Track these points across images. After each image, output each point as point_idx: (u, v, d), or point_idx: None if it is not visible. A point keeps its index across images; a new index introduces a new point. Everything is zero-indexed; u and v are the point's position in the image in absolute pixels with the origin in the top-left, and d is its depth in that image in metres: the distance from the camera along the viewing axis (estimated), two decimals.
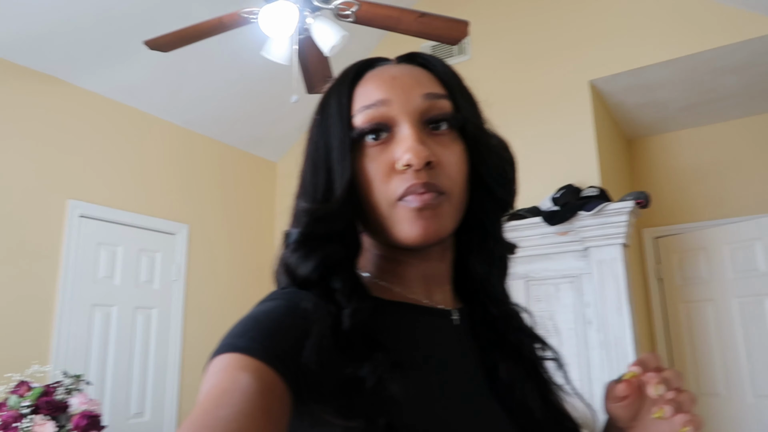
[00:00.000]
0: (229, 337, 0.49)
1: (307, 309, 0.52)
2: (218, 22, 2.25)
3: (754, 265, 3.45)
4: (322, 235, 0.57)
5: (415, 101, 0.58)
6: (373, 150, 0.57)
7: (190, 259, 3.84)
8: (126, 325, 3.40)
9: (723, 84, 3.46)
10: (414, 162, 0.54)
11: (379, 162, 0.57)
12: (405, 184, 0.55)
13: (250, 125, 4.22)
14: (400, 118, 0.57)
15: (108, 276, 3.35)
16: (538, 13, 3.62)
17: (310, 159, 0.60)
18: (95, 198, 3.34)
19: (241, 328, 0.50)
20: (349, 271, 0.57)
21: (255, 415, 0.42)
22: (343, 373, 0.49)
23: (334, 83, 0.63)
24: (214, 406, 0.42)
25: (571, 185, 3.10)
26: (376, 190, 0.57)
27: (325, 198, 0.58)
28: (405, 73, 0.60)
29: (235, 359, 0.46)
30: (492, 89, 3.62)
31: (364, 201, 0.58)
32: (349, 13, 2.25)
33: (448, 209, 0.57)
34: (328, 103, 0.61)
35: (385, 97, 0.58)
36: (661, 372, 0.56)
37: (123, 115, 3.55)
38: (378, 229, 0.59)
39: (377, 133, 0.57)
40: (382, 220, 0.57)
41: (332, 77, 2.37)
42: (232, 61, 3.62)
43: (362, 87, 0.60)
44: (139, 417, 3.39)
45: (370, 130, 0.57)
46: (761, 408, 3.31)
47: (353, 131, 0.58)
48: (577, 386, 0.68)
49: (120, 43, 3.16)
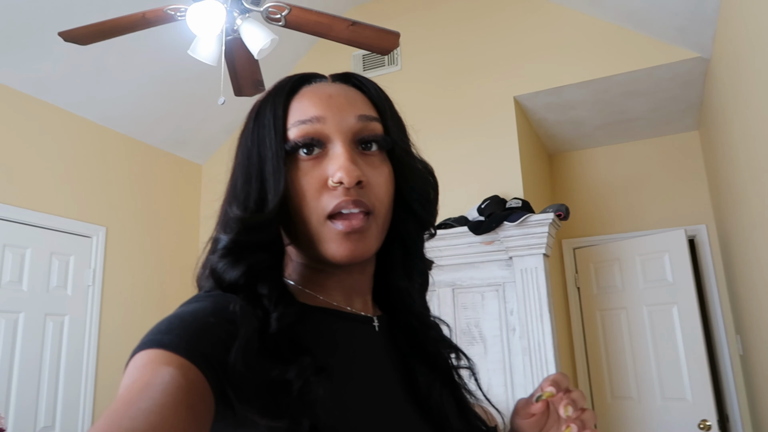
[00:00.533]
0: (152, 334, 0.49)
1: (234, 311, 0.52)
2: (141, 17, 2.17)
3: (663, 275, 3.68)
4: (251, 244, 0.57)
5: (349, 121, 0.60)
6: (305, 164, 0.59)
7: (107, 263, 3.65)
8: (35, 333, 3.19)
9: (633, 106, 3.68)
10: (346, 180, 0.56)
11: (310, 177, 0.58)
12: (335, 201, 0.57)
13: (174, 126, 4.08)
14: (333, 136, 0.59)
15: (15, 281, 3.14)
16: (468, 29, 3.72)
17: (242, 167, 0.61)
18: (1, 196, 3.12)
19: (165, 326, 0.49)
20: (275, 278, 0.58)
21: (177, 409, 0.41)
22: (269, 376, 0.49)
23: (269, 94, 0.64)
24: (136, 398, 0.41)
25: (496, 196, 3.20)
26: (307, 205, 0.58)
27: (257, 207, 0.58)
28: (341, 93, 0.62)
29: (159, 355, 0.46)
30: (421, 101, 3.71)
31: (294, 213, 0.59)
32: (280, 17, 2.23)
33: (374, 230, 0.60)
34: (263, 113, 0.62)
35: (321, 114, 0.59)
36: (570, 393, 0.61)
37: (35, 109, 3.35)
38: (306, 243, 0.60)
39: (310, 148, 0.59)
40: (311, 236, 0.58)
41: (261, 81, 2.32)
42: (157, 59, 3.49)
43: (298, 101, 0.61)
44: (49, 430, 3.18)
45: (304, 145, 0.59)
46: (668, 410, 3.52)
47: (287, 143, 0.59)
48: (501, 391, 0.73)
49: (32, 32, 2.98)
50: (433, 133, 3.56)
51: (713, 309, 3.76)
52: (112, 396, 3.54)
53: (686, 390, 3.47)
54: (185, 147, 4.30)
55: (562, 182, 4.39)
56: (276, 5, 2.19)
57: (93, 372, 3.46)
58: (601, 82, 3.36)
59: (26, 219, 3.22)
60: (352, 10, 4.09)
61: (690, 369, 3.47)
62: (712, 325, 3.76)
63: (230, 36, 2.32)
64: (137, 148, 3.99)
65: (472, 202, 3.28)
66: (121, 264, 3.76)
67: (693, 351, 3.48)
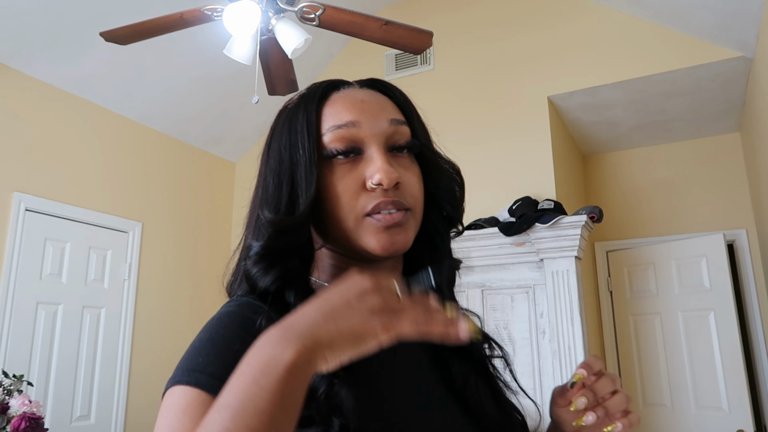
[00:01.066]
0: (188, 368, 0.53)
1: (261, 327, 0.54)
2: (179, 17, 2.21)
3: (699, 280, 3.59)
4: (283, 249, 0.60)
5: (382, 125, 0.62)
6: (341, 168, 0.61)
7: (142, 258, 3.74)
8: (72, 324, 3.28)
9: (671, 107, 3.60)
10: (385, 182, 0.59)
11: (348, 179, 0.60)
12: (374, 201, 0.59)
13: (208, 124, 4.15)
14: (368, 140, 0.61)
15: (55, 273, 3.24)
16: (502, 28, 3.69)
17: (274, 172, 0.62)
18: (43, 191, 3.22)
19: (202, 358, 0.53)
20: (303, 285, 0.60)
21: None
22: None
23: (300, 100, 0.65)
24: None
25: (527, 197, 3.16)
26: (344, 206, 0.60)
27: (288, 210, 0.60)
28: (371, 98, 0.64)
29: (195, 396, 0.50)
30: (454, 100, 3.69)
31: (327, 215, 0.61)
32: (314, 17, 2.24)
33: (412, 224, 0.62)
34: (295, 119, 0.63)
35: (356, 119, 0.61)
36: (601, 377, 0.61)
37: (75, 107, 3.44)
38: (342, 242, 0.62)
39: (348, 153, 0.61)
40: (348, 233, 0.60)
41: (295, 81, 2.33)
42: (193, 58, 3.56)
43: (330, 107, 0.63)
44: (84, 420, 3.27)
45: (344, 150, 0.61)
46: (703, 419, 3.43)
47: (326, 150, 0.61)
48: (530, 395, 0.73)
49: (75, 32, 3.07)
50: (465, 133, 3.54)
51: (752, 317, 3.65)
52: (145, 387, 3.62)
53: (722, 399, 3.38)
54: (219, 145, 4.37)
55: (596, 184, 4.31)
56: (310, 5, 2.21)
57: (127, 363, 3.54)
58: (639, 82, 3.29)
59: (66, 214, 3.31)
60: (385, 10, 4.10)
61: (727, 377, 3.38)
62: (750, 333, 3.65)
63: (265, 36, 2.35)
64: (173, 146, 4.07)
65: (503, 203, 3.25)
66: (155, 259, 3.84)
67: (730, 359, 3.38)
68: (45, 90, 3.28)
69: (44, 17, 2.92)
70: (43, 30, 2.99)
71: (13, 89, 3.13)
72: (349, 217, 0.60)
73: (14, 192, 3.08)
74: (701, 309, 3.55)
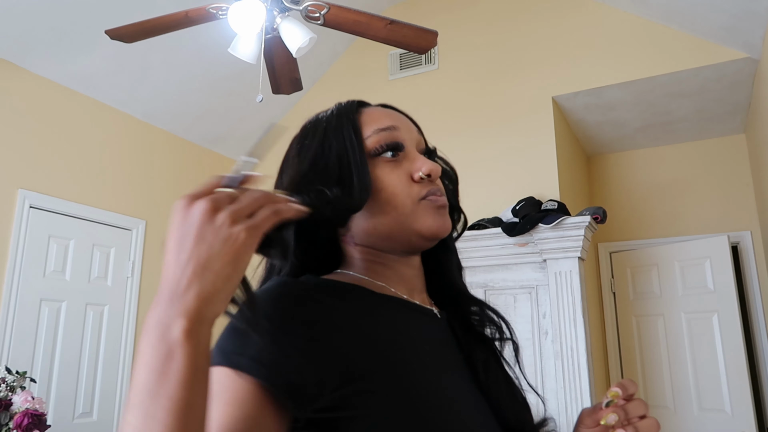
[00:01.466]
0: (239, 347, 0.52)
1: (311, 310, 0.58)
2: (184, 15, 2.21)
3: (703, 282, 3.57)
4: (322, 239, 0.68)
5: (414, 133, 0.73)
6: (388, 164, 0.68)
7: (145, 255, 3.75)
8: (76, 321, 3.29)
9: (677, 108, 3.58)
10: (433, 173, 0.68)
11: (398, 172, 0.68)
12: (425, 189, 0.68)
13: (213, 123, 4.15)
14: (407, 142, 0.71)
15: (58, 270, 3.25)
16: (507, 28, 3.68)
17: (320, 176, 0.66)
18: (47, 189, 3.23)
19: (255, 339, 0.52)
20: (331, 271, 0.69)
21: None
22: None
23: (337, 111, 0.72)
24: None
25: (531, 198, 3.15)
26: (400, 193, 0.67)
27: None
28: (395, 112, 0.74)
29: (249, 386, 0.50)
30: (458, 100, 3.68)
31: (380, 204, 0.67)
32: (319, 16, 2.24)
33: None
34: (340, 125, 0.70)
35: (395, 125, 0.71)
36: (631, 401, 0.66)
37: (80, 104, 3.45)
38: (386, 232, 0.68)
39: (394, 151, 0.69)
40: (404, 218, 0.67)
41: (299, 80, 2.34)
42: (197, 57, 3.56)
43: (367, 116, 0.71)
44: (87, 417, 3.28)
45: (391, 147, 0.69)
46: (705, 421, 3.42)
47: (371, 150, 0.68)
48: (532, 395, 0.78)
49: (79, 29, 3.07)
50: (469, 133, 3.54)
51: (756, 319, 3.63)
52: None
53: (725, 401, 3.37)
54: (224, 143, 4.38)
55: (600, 185, 4.30)
56: (315, 4, 2.21)
57: (130, 361, 3.55)
58: (644, 82, 3.28)
59: (70, 211, 3.32)
60: (390, 9, 4.09)
61: (730, 379, 3.36)
62: (754, 335, 3.64)
63: (270, 34, 2.35)
64: (177, 144, 4.08)
65: (506, 204, 3.25)
66: (159, 257, 3.84)
67: (733, 361, 3.37)
68: (50, 87, 3.29)
69: (50, 15, 2.93)
70: (48, 28, 3.00)
71: (19, 86, 3.14)
72: (406, 203, 0.67)
73: (19, 189, 3.09)
74: (705, 311, 3.54)
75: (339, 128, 0.69)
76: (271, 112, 4.27)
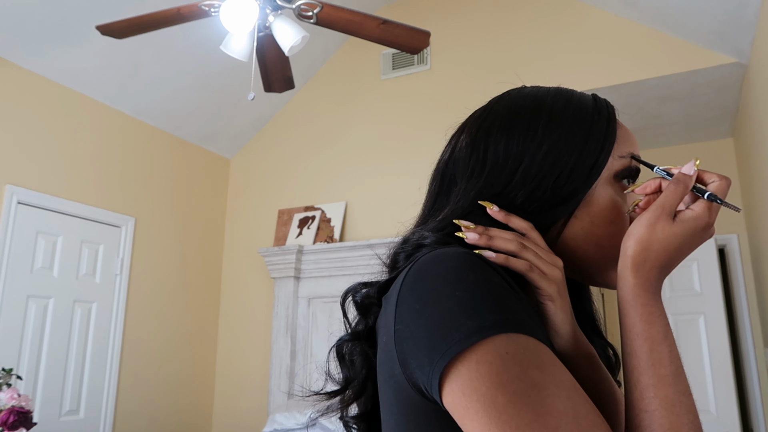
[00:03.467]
0: (499, 311, 0.46)
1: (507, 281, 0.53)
2: (176, 12, 2.20)
3: (690, 284, 3.61)
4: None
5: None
6: (619, 190, 0.61)
7: (134, 253, 3.73)
8: (63, 318, 3.27)
9: (666, 111, 3.62)
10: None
11: (623, 204, 0.61)
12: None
13: (204, 120, 4.14)
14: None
15: (46, 267, 3.22)
16: (499, 30, 3.69)
17: (556, 170, 0.59)
18: (35, 185, 3.21)
19: (496, 300, 0.48)
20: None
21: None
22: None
23: (600, 109, 0.64)
24: (586, 402, 0.44)
25: None
26: (620, 231, 0.59)
27: (542, 200, 0.59)
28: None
29: (535, 343, 0.46)
30: (450, 100, 3.69)
31: (595, 228, 0.60)
32: (311, 14, 2.24)
33: None
34: (597, 125, 0.61)
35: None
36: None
37: (70, 100, 3.43)
38: (587, 263, 0.63)
39: (631, 182, 0.62)
40: (602, 259, 0.62)
41: (291, 78, 2.33)
42: (189, 54, 3.55)
43: (624, 133, 0.64)
44: (74, 414, 3.26)
45: (633, 176, 0.62)
46: None
47: (620, 171, 0.61)
48: None
49: (70, 24, 3.05)
50: None
51: (741, 321, 3.68)
52: (135, 382, 3.61)
53: (710, 402, 3.40)
54: (215, 141, 4.36)
55: None
56: (308, 2, 2.21)
57: (118, 358, 3.53)
58: (634, 86, 3.31)
59: (58, 207, 3.30)
60: (383, 9, 4.10)
61: (715, 381, 3.40)
62: (739, 337, 3.68)
63: (262, 32, 2.35)
64: (168, 141, 4.06)
65: None
66: (148, 254, 3.82)
67: (719, 362, 3.41)
68: (39, 82, 3.26)
69: (40, 9, 2.91)
70: (38, 22, 2.98)
71: (7, 81, 3.11)
72: (618, 242, 0.57)
73: (6, 185, 3.06)
74: (691, 312, 3.58)
75: (599, 130, 0.61)
76: (262, 110, 4.27)
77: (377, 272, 0.63)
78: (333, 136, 4.17)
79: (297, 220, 4.07)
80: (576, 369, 0.60)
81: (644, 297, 0.54)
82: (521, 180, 0.59)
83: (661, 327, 0.52)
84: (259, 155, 4.44)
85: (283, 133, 4.36)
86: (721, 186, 0.55)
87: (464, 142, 0.66)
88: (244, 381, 4.06)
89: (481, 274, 0.49)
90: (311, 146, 4.23)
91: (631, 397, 0.50)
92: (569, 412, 0.42)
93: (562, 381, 0.44)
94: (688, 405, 0.49)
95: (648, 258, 0.53)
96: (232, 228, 4.46)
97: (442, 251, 0.52)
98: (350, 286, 0.64)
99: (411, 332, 0.48)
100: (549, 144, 0.60)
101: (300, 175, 4.23)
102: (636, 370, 0.50)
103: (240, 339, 4.15)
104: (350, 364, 0.63)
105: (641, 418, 0.48)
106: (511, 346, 0.44)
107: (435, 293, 0.48)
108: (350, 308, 0.63)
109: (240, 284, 4.25)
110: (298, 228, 4.03)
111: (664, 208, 0.54)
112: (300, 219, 4.06)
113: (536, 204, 0.59)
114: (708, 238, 0.55)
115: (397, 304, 0.51)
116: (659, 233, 0.53)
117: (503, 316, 0.46)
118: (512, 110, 0.65)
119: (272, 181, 4.34)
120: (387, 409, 0.54)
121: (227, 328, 4.22)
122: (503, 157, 0.61)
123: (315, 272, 3.83)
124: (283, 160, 4.32)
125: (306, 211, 4.08)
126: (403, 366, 0.49)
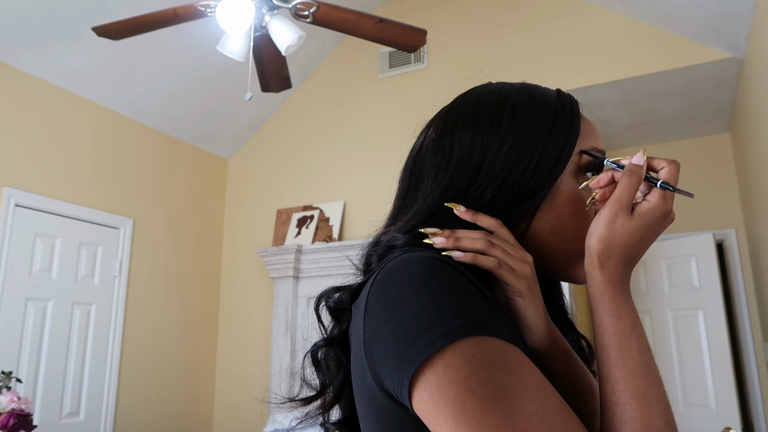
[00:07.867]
0: (465, 315, 0.47)
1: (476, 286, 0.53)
2: (172, 13, 2.20)
3: (689, 279, 3.62)
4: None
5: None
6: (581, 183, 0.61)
7: (133, 254, 3.72)
8: (62, 321, 3.27)
9: (663, 107, 3.62)
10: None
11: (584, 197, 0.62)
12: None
13: (202, 121, 4.13)
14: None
15: (44, 269, 3.22)
16: (496, 27, 3.69)
17: (522, 164, 0.59)
18: (33, 187, 3.20)
19: (463, 305, 0.48)
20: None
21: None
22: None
23: (563, 104, 0.63)
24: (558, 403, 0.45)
25: None
26: (585, 224, 0.59)
27: (507, 197, 0.59)
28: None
29: (502, 344, 0.47)
30: (448, 99, 3.68)
31: (558, 224, 0.61)
32: (308, 14, 2.24)
33: None
34: (560, 121, 0.61)
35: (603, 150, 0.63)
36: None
37: (67, 102, 3.42)
38: (554, 258, 0.63)
39: (597, 173, 0.61)
40: (568, 253, 0.62)
41: (288, 78, 2.33)
42: (186, 54, 3.54)
43: (588, 127, 0.63)
44: (74, 417, 3.26)
45: (597, 170, 0.61)
46: (691, 416, 3.47)
47: (584, 164, 0.61)
48: None
49: (66, 26, 3.04)
50: None
51: (740, 315, 3.68)
52: (135, 384, 3.61)
53: (710, 397, 3.41)
54: (212, 142, 4.36)
55: None
56: (304, 2, 2.21)
57: (117, 361, 3.53)
58: (631, 81, 3.31)
59: (57, 209, 3.29)
60: (380, 8, 4.09)
61: (715, 375, 3.41)
62: (738, 331, 3.69)
63: (258, 32, 2.35)
64: (166, 142, 4.05)
65: None
66: (146, 255, 3.82)
67: (718, 357, 3.42)
68: (36, 84, 3.26)
69: (36, 11, 2.90)
70: (34, 24, 2.97)
71: (4, 84, 3.11)
72: (583, 236, 0.57)
73: (4, 187, 3.06)
74: (690, 308, 3.58)
75: (557, 122, 0.61)
76: (260, 110, 4.26)
77: (351, 273, 0.63)
78: (331, 135, 4.16)
79: (295, 220, 4.06)
80: (550, 363, 0.61)
81: (611, 292, 0.53)
82: (487, 175, 0.59)
83: (629, 320, 0.52)
84: (257, 155, 4.44)
85: (280, 132, 4.36)
86: (672, 171, 0.55)
87: (431, 138, 0.65)
88: (244, 381, 4.06)
89: (445, 278, 0.49)
90: (309, 146, 4.23)
91: (603, 391, 0.50)
92: (538, 412, 0.43)
93: (531, 381, 0.45)
94: (659, 396, 0.49)
95: (612, 254, 0.53)
96: (230, 228, 4.45)
97: (407, 257, 0.53)
98: (323, 290, 0.64)
99: (379, 340, 0.49)
100: (513, 138, 0.60)
101: (298, 174, 4.23)
102: (606, 365, 0.51)
103: (240, 339, 4.15)
104: (326, 369, 0.63)
105: (613, 412, 0.49)
106: (477, 349, 0.45)
107: (400, 300, 0.49)
108: (324, 313, 0.63)
109: (239, 284, 4.24)
110: (296, 228, 4.03)
111: (621, 203, 0.54)
112: (298, 219, 4.06)
113: (504, 199, 0.59)
114: (669, 225, 0.55)
115: (365, 313, 0.51)
116: (619, 229, 0.53)
117: (468, 320, 0.46)
118: (477, 106, 0.65)
119: (270, 181, 4.34)
120: (363, 416, 0.54)
121: (227, 329, 4.22)
122: (468, 152, 0.61)
123: (314, 272, 3.83)
124: (281, 159, 4.32)
125: (304, 210, 4.08)
126: (374, 374, 0.50)
